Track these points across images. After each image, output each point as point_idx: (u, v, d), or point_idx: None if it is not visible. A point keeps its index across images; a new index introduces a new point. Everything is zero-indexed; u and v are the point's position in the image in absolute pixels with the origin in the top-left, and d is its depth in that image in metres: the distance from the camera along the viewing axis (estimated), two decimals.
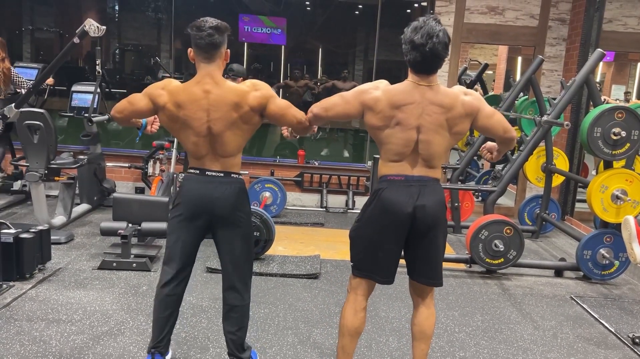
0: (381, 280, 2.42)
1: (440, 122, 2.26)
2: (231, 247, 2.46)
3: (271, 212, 5.63)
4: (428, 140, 2.27)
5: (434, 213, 2.31)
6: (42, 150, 4.33)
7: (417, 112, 2.25)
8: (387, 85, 2.31)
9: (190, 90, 2.33)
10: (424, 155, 2.30)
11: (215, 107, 2.31)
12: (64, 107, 5.50)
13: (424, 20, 2.23)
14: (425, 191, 2.30)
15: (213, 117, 2.32)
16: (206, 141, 2.36)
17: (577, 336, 3.35)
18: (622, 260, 4.22)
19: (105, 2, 7.42)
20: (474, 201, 5.82)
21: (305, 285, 3.88)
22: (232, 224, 2.42)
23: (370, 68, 6.68)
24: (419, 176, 2.31)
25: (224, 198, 2.38)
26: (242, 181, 2.47)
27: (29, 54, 7.10)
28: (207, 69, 2.34)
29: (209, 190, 2.38)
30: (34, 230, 3.67)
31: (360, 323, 2.46)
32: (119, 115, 2.47)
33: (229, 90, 2.33)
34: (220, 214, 2.40)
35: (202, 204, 2.39)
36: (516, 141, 2.52)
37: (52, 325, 3.04)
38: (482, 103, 2.32)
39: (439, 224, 2.35)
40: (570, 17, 6.13)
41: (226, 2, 6.81)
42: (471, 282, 4.18)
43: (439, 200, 2.34)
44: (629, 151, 4.08)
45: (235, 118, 2.33)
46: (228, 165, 2.42)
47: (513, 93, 5.50)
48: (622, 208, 4.11)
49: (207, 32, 2.29)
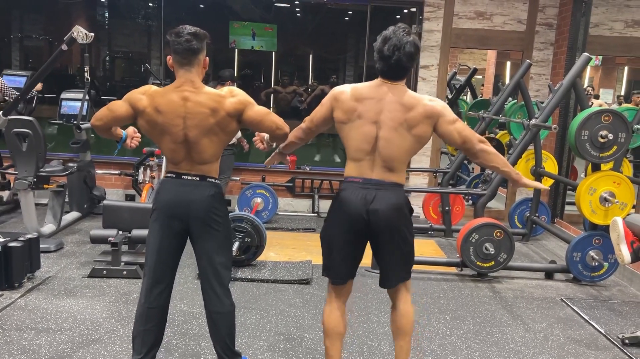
0: (334, 280, 2.47)
1: (400, 120, 2.31)
2: (209, 251, 2.44)
3: (262, 218, 5.62)
4: (387, 137, 2.32)
5: (387, 218, 2.32)
6: (31, 158, 4.30)
7: (378, 107, 2.33)
8: (357, 84, 2.43)
9: (169, 96, 2.34)
10: (383, 156, 2.33)
11: (192, 114, 2.32)
12: (53, 114, 5.46)
13: (394, 30, 2.31)
14: (380, 195, 2.32)
15: (189, 124, 2.32)
16: (183, 147, 2.37)
17: (568, 338, 3.37)
18: (611, 261, 4.25)
19: (94, 10, 7.39)
20: (465, 205, 5.84)
21: (297, 291, 3.88)
22: (209, 227, 2.40)
23: (361, 73, 6.70)
24: (377, 179, 2.35)
25: (199, 201, 2.38)
26: (218, 185, 2.45)
27: (17, 61, 7.06)
28: (186, 76, 2.36)
29: (184, 192, 2.39)
30: (23, 239, 3.64)
31: (335, 324, 2.47)
32: (99, 123, 2.43)
33: (206, 96, 2.34)
34: (196, 216, 2.38)
35: (178, 207, 2.38)
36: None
37: (42, 334, 3.02)
38: (445, 110, 2.34)
39: (393, 229, 2.35)
40: (558, 21, 6.20)
41: (216, 9, 6.81)
42: (462, 285, 4.20)
43: (395, 205, 2.32)
44: (616, 153, 4.12)
45: (211, 125, 2.33)
46: (204, 171, 2.41)
47: (502, 98, 5.55)
48: (610, 210, 4.14)
49: (185, 38, 2.32)
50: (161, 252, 2.42)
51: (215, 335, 2.50)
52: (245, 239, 4.16)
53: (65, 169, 4.79)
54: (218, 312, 2.46)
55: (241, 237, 4.15)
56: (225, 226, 2.47)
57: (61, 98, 5.37)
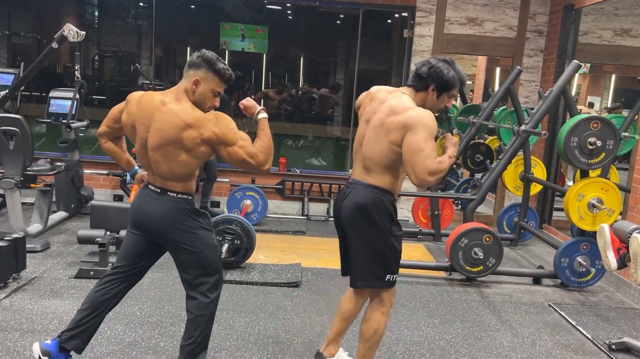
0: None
1: (382, 121, 2.35)
2: (178, 265, 2.44)
3: (252, 220, 5.60)
4: (368, 136, 2.40)
5: (346, 215, 2.43)
6: (18, 157, 4.25)
7: (375, 106, 2.42)
8: (385, 87, 2.54)
9: (153, 96, 2.33)
10: (365, 154, 2.41)
11: (161, 120, 2.24)
12: (41, 113, 5.40)
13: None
14: (351, 194, 2.43)
15: (153, 128, 2.26)
16: (145, 153, 2.34)
17: (555, 343, 3.39)
18: (599, 267, 4.29)
19: (84, 8, 7.34)
20: (454, 210, 5.86)
21: (286, 294, 3.86)
22: (174, 241, 2.36)
23: (352, 77, 6.71)
24: (355, 179, 2.46)
25: (157, 215, 2.33)
26: (180, 200, 2.34)
27: (5, 59, 6.98)
28: (179, 85, 2.33)
29: (143, 204, 2.38)
30: (8, 238, 3.59)
31: (342, 305, 2.71)
32: (101, 129, 2.54)
33: (187, 110, 2.23)
34: (156, 229, 2.36)
35: (140, 216, 2.40)
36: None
37: (27, 335, 2.97)
38: (419, 126, 2.22)
39: (352, 227, 2.43)
40: (548, 29, 6.26)
41: (207, 10, 6.78)
42: (451, 290, 4.21)
43: (357, 203, 2.38)
44: (604, 160, 4.16)
45: (176, 138, 2.21)
46: (165, 184, 2.34)
47: (492, 103, 5.59)
48: (598, 216, 4.18)
49: (196, 54, 2.32)
50: (127, 248, 2.49)
51: (184, 335, 2.50)
52: (235, 241, 4.14)
53: (53, 168, 4.74)
54: (191, 313, 2.47)
55: (230, 239, 4.12)
56: (195, 241, 2.35)
57: (50, 96, 5.30)
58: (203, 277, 2.43)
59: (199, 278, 2.42)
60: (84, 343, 2.51)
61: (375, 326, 2.50)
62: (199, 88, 2.28)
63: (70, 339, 2.48)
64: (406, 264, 4.48)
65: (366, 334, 2.52)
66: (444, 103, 2.42)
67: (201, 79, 2.27)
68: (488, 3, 6.21)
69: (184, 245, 2.37)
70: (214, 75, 2.28)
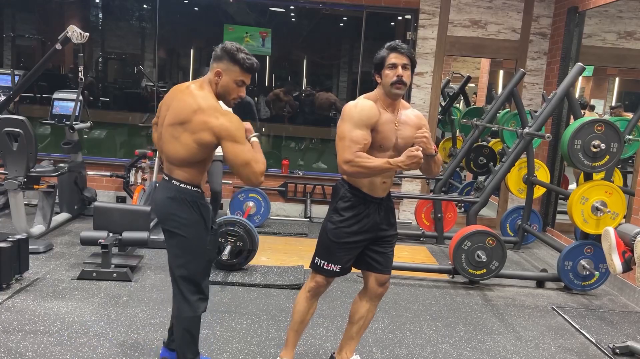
0: None
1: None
2: (169, 257, 2.43)
3: (255, 222, 5.60)
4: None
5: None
6: (22, 158, 4.25)
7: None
8: None
9: (183, 83, 2.38)
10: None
11: (180, 99, 2.27)
12: (45, 114, 5.41)
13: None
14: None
15: (172, 106, 2.30)
16: (161, 133, 2.39)
17: (559, 347, 3.37)
18: (602, 270, 4.27)
19: (88, 10, 7.36)
20: (457, 212, 5.85)
21: (289, 296, 3.85)
22: (167, 231, 2.38)
23: (355, 79, 6.71)
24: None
25: (159, 201, 2.38)
26: (183, 190, 2.31)
27: (9, 60, 7.01)
28: (207, 76, 2.35)
29: (157, 189, 2.46)
30: (11, 239, 3.59)
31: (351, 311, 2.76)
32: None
33: (205, 97, 2.24)
34: (157, 216, 2.42)
35: (153, 205, 2.50)
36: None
37: (29, 336, 2.97)
38: (343, 116, 2.41)
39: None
40: (551, 31, 6.25)
41: (211, 12, 6.79)
42: (454, 293, 4.19)
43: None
44: (608, 163, 4.15)
45: (186, 118, 2.22)
46: (171, 171, 2.35)
47: (495, 106, 5.57)
48: (602, 219, 4.16)
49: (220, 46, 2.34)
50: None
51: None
52: (237, 243, 4.13)
53: (56, 170, 4.74)
54: (175, 316, 2.47)
55: (233, 241, 4.12)
56: (185, 235, 2.33)
57: (53, 98, 5.32)
58: (185, 281, 2.40)
59: (183, 280, 2.40)
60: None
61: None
62: (222, 79, 2.29)
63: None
64: (409, 266, 4.48)
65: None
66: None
67: (223, 71, 2.28)
68: (492, 6, 6.20)
69: (175, 238, 2.35)
70: (234, 65, 2.27)
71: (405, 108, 2.53)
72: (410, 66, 2.41)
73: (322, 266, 2.54)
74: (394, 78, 2.37)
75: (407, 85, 2.42)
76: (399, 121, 2.46)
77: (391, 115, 2.44)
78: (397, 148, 2.45)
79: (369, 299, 2.66)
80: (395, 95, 2.41)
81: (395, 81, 2.36)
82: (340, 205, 2.49)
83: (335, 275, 2.56)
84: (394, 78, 2.37)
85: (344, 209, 2.48)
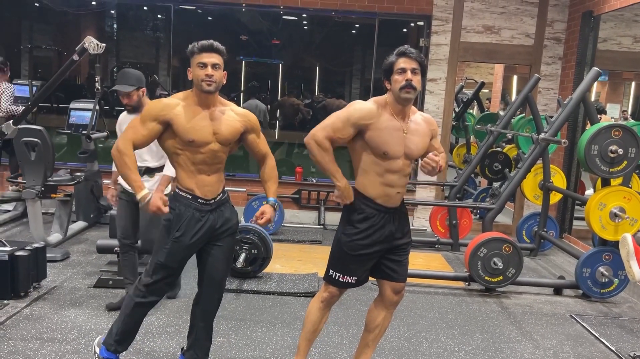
0: None
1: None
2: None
3: (269, 230, 5.59)
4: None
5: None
6: (39, 167, 4.30)
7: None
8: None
9: None
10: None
11: None
12: (62, 124, 5.48)
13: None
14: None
15: None
16: None
17: (578, 355, 3.32)
18: (621, 278, 4.20)
19: (103, 21, 7.46)
20: (472, 219, 5.81)
21: (304, 304, 3.84)
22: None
23: (368, 86, 6.71)
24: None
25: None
26: (175, 187, 2.58)
27: (27, 71, 7.12)
28: None
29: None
30: (29, 248, 3.63)
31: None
32: None
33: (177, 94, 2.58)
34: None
35: None
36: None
37: (47, 344, 3.00)
38: (346, 106, 2.52)
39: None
40: (566, 36, 6.20)
41: (224, 21, 6.85)
42: (470, 300, 4.15)
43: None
44: (627, 168, 4.09)
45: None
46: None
47: (510, 112, 5.54)
48: (620, 225, 4.10)
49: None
50: None
51: None
52: (252, 251, 4.14)
53: (73, 179, 4.79)
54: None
55: (247, 249, 4.13)
56: (163, 224, 2.53)
57: (70, 108, 5.39)
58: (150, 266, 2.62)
59: (150, 265, 2.63)
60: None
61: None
62: (192, 73, 2.49)
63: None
64: (424, 274, 4.45)
65: None
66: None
67: (191, 67, 2.49)
68: (505, 11, 6.18)
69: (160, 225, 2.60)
70: (191, 56, 2.48)
71: (414, 114, 2.52)
72: (420, 70, 2.37)
73: (337, 279, 2.51)
74: (403, 82, 2.34)
75: (417, 89, 2.38)
76: (408, 129, 2.43)
77: (399, 123, 2.41)
78: (408, 157, 2.44)
79: (384, 308, 2.64)
80: (405, 100, 2.38)
81: (404, 85, 2.33)
82: (354, 217, 2.48)
83: (351, 286, 2.54)
84: (402, 82, 2.34)
85: (359, 221, 2.46)
